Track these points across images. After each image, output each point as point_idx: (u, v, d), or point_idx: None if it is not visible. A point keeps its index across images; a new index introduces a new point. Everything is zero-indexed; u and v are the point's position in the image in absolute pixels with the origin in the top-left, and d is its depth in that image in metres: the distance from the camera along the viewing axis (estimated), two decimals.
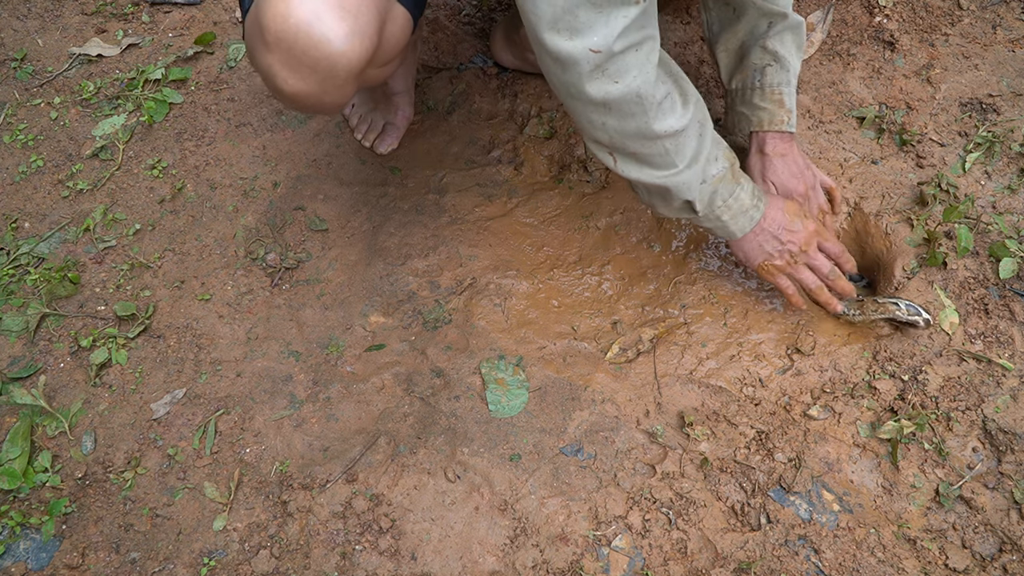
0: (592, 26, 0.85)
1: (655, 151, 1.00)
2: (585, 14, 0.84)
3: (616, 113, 0.95)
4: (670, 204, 1.09)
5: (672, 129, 0.98)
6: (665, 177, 1.03)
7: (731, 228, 1.14)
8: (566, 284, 1.32)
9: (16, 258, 1.37)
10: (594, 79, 0.90)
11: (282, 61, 0.91)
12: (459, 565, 1.08)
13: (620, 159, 1.02)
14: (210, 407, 1.22)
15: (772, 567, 1.05)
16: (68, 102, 1.55)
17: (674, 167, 1.03)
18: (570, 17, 0.85)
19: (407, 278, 1.34)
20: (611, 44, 0.87)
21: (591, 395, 1.20)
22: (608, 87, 0.91)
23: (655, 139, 0.98)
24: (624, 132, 0.97)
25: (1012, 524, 1.06)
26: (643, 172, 1.03)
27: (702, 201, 1.08)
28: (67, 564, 1.10)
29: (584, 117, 0.97)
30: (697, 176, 1.05)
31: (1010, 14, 1.53)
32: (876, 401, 1.16)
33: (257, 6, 0.92)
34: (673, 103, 0.98)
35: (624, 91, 0.92)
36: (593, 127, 0.98)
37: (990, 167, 1.35)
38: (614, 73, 0.90)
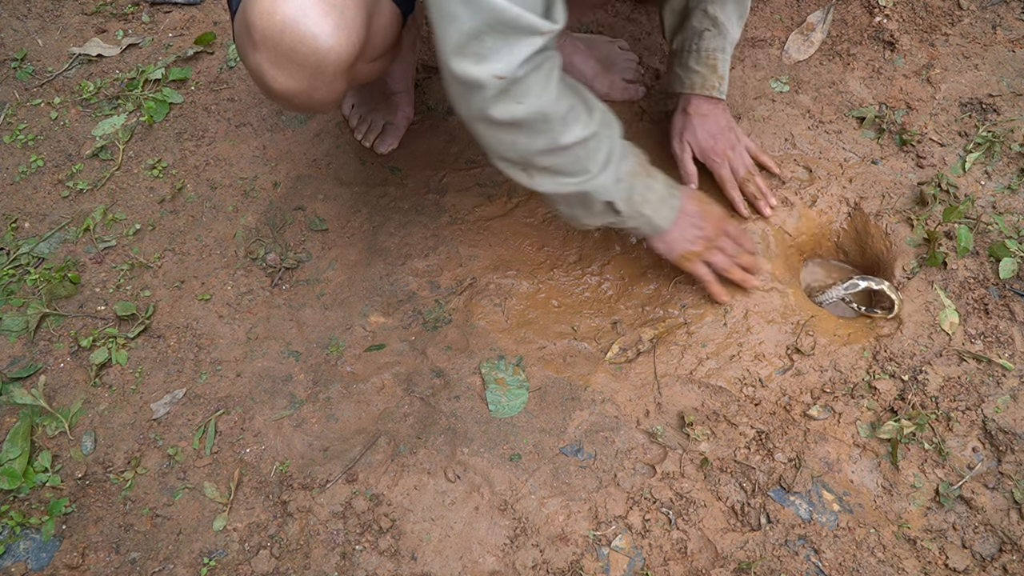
0: (497, 53, 0.87)
1: (567, 160, 1.02)
2: (492, 41, 0.86)
3: (524, 131, 0.96)
4: (591, 210, 1.10)
5: (580, 137, 1.00)
6: (581, 183, 1.04)
7: (656, 221, 1.15)
8: (566, 284, 1.32)
9: (16, 258, 1.37)
10: (499, 102, 0.92)
11: (270, 59, 0.91)
12: (459, 565, 1.08)
13: (534, 174, 1.03)
14: (210, 407, 1.22)
15: (772, 567, 1.05)
16: (68, 102, 1.55)
17: (588, 172, 1.04)
18: (476, 44, 0.86)
19: (407, 278, 1.34)
20: (515, 71, 0.88)
21: (591, 395, 1.20)
22: (513, 108, 0.92)
23: (565, 150, 1.00)
24: (534, 148, 0.99)
25: (1012, 524, 1.06)
26: (558, 182, 1.04)
27: (621, 199, 1.09)
28: (67, 564, 1.10)
29: (493, 138, 0.98)
30: (611, 176, 1.06)
31: (1010, 14, 1.53)
32: (876, 401, 1.16)
33: (244, 5, 0.92)
34: (578, 114, 1.00)
35: (529, 111, 0.93)
36: (503, 147, 0.99)
37: (990, 167, 1.35)
38: (518, 95, 0.91)
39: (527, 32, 0.86)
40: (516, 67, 0.88)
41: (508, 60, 0.87)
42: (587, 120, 1.01)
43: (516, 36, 0.86)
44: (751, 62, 1.52)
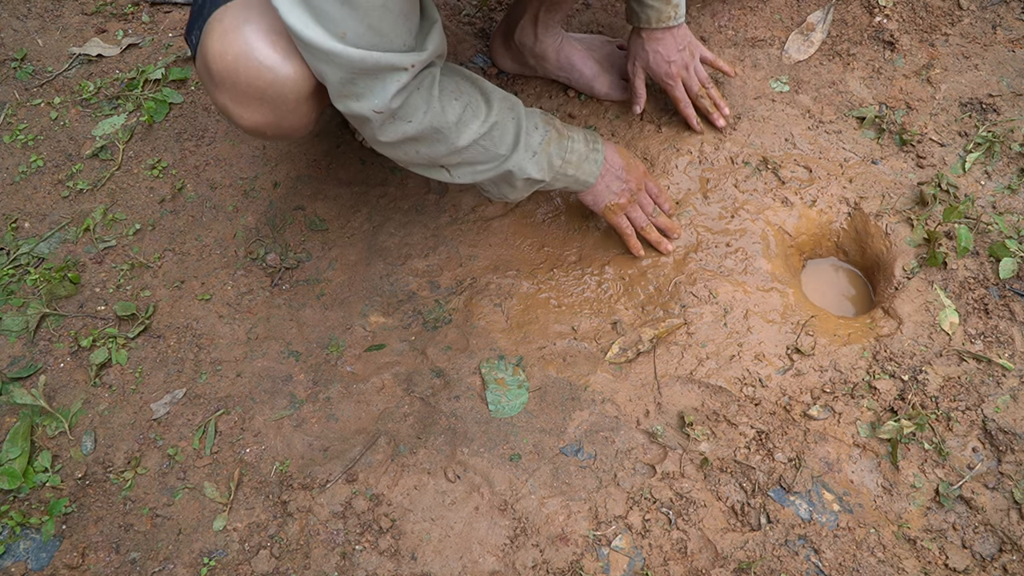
0: (371, 91, 0.91)
1: (475, 153, 1.06)
2: (363, 82, 0.90)
3: (423, 142, 1.01)
4: (515, 186, 1.14)
5: (480, 133, 1.04)
6: (498, 165, 1.09)
7: (583, 177, 1.19)
8: (566, 284, 1.32)
9: (16, 258, 1.37)
10: (386, 129, 0.97)
11: (233, 98, 0.94)
12: (459, 565, 1.08)
13: (452, 170, 1.08)
14: (210, 407, 1.22)
15: (772, 567, 1.05)
16: (68, 102, 1.55)
17: (499, 156, 1.08)
18: (351, 87, 0.90)
19: (407, 278, 1.34)
20: (388, 103, 0.93)
21: (591, 395, 1.20)
22: (403, 128, 0.97)
23: (468, 148, 1.04)
24: (438, 153, 1.03)
25: (1012, 524, 1.06)
26: (477, 172, 1.09)
27: (542, 170, 1.13)
28: (67, 564, 1.10)
29: (397, 154, 1.03)
30: (525, 154, 1.10)
31: (1010, 14, 1.53)
32: (876, 401, 1.16)
33: (200, 49, 0.95)
34: (474, 111, 1.03)
35: (419, 127, 0.98)
36: (410, 157, 1.04)
37: (990, 167, 1.35)
38: (404, 116, 0.96)
39: (391, 70, 0.90)
40: (390, 100, 0.92)
41: (381, 96, 0.92)
42: (485, 113, 1.04)
43: (383, 73, 0.90)
44: (751, 62, 1.52)
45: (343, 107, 0.94)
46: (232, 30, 0.90)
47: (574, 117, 1.47)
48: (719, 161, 1.40)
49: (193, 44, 0.99)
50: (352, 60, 0.86)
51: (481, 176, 1.09)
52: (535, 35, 1.41)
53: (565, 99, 1.50)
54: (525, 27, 1.41)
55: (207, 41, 0.91)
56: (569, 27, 1.59)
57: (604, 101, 1.48)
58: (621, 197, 1.25)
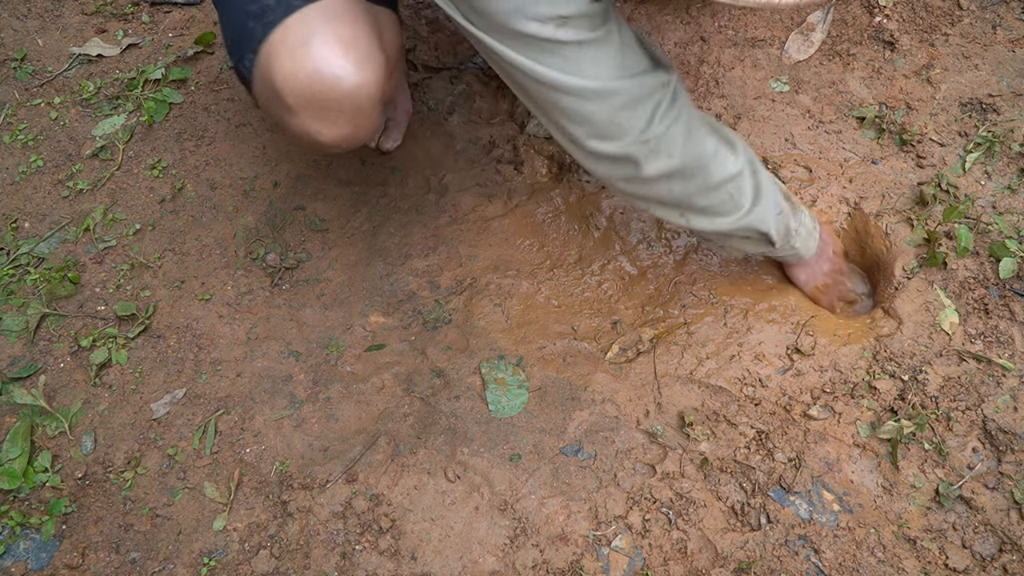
0: (632, 124, 0.90)
1: (720, 199, 1.03)
2: (625, 115, 0.89)
3: (679, 178, 0.98)
4: (750, 240, 1.12)
5: (730, 174, 1.02)
6: (737, 220, 1.06)
7: (803, 252, 1.19)
8: (566, 284, 1.32)
9: (16, 258, 1.37)
10: (651, 161, 0.94)
11: (312, 116, 0.92)
12: (459, 565, 1.08)
13: (690, 215, 1.05)
14: (210, 407, 1.22)
15: (772, 567, 1.05)
16: (68, 102, 1.55)
17: (741, 208, 1.06)
18: (612, 126, 0.89)
19: (407, 278, 1.34)
20: (653, 129, 0.91)
21: (591, 395, 1.20)
22: (667, 162, 0.95)
23: (718, 188, 1.02)
24: (689, 191, 1.01)
25: (1012, 524, 1.06)
26: (715, 222, 1.06)
27: (779, 232, 1.11)
28: (67, 564, 1.10)
29: (651, 193, 1.01)
30: (769, 209, 1.08)
31: (1010, 14, 1.53)
32: (876, 401, 1.16)
33: (263, 74, 0.93)
34: (725, 152, 1.02)
35: (681, 160, 0.96)
36: (661, 196, 1.01)
37: (990, 167, 1.35)
38: (667, 149, 0.94)
39: (652, 93, 0.90)
40: (656, 124, 0.91)
41: (642, 124, 0.90)
42: (734, 157, 1.03)
43: (642, 104, 0.90)
44: (751, 62, 1.52)
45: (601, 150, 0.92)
46: (301, 47, 0.89)
47: None
48: None
49: (247, 68, 0.96)
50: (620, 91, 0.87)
51: (718, 227, 1.06)
52: None
53: None
54: None
55: (274, 64, 0.90)
56: None
57: None
58: (829, 277, 1.26)
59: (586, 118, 0.89)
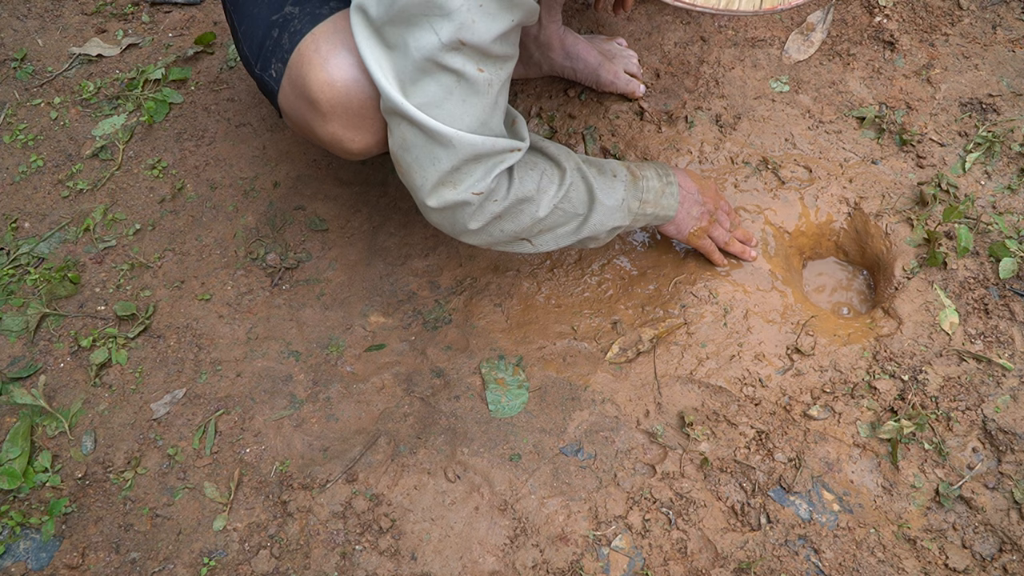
0: (472, 176, 0.92)
1: (556, 218, 1.05)
2: (468, 168, 0.91)
3: (507, 218, 1.00)
4: (599, 239, 1.13)
5: (559, 197, 1.03)
6: (578, 226, 1.08)
7: (663, 212, 1.18)
8: (566, 284, 1.32)
9: (16, 258, 1.37)
10: (479, 213, 0.96)
11: (345, 124, 0.94)
12: (459, 565, 1.08)
13: (535, 240, 1.07)
14: (210, 407, 1.22)
15: (772, 567, 1.05)
16: (68, 102, 1.55)
17: (578, 216, 1.07)
18: (455, 174, 0.91)
19: (407, 278, 1.34)
20: (489, 184, 0.93)
21: (591, 395, 1.20)
22: (492, 208, 0.97)
23: (549, 215, 1.03)
24: (521, 226, 1.02)
25: (1012, 524, 1.06)
26: (559, 238, 1.08)
27: (623, 217, 1.12)
28: (67, 564, 1.10)
29: (484, 238, 1.02)
30: (605, 210, 1.09)
31: (1010, 14, 1.53)
32: (876, 401, 1.16)
33: (294, 83, 0.93)
34: (549, 179, 1.03)
35: (505, 204, 0.97)
36: (495, 237, 1.03)
37: (990, 167, 1.35)
38: (491, 196, 0.96)
39: (500, 154, 0.92)
40: (491, 181, 0.93)
41: (484, 180, 0.93)
42: (559, 178, 1.04)
43: (491, 160, 0.92)
44: (751, 62, 1.52)
45: (438, 202, 0.93)
46: (334, 55, 0.89)
47: (574, 117, 1.47)
48: (719, 161, 1.40)
49: (274, 78, 0.97)
50: (472, 145, 0.88)
51: (564, 240, 1.09)
52: (539, 23, 1.41)
53: (565, 99, 1.50)
54: None
55: (307, 72, 0.91)
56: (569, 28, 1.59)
57: (604, 101, 1.48)
58: (702, 220, 1.23)
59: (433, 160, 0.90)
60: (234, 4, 1.04)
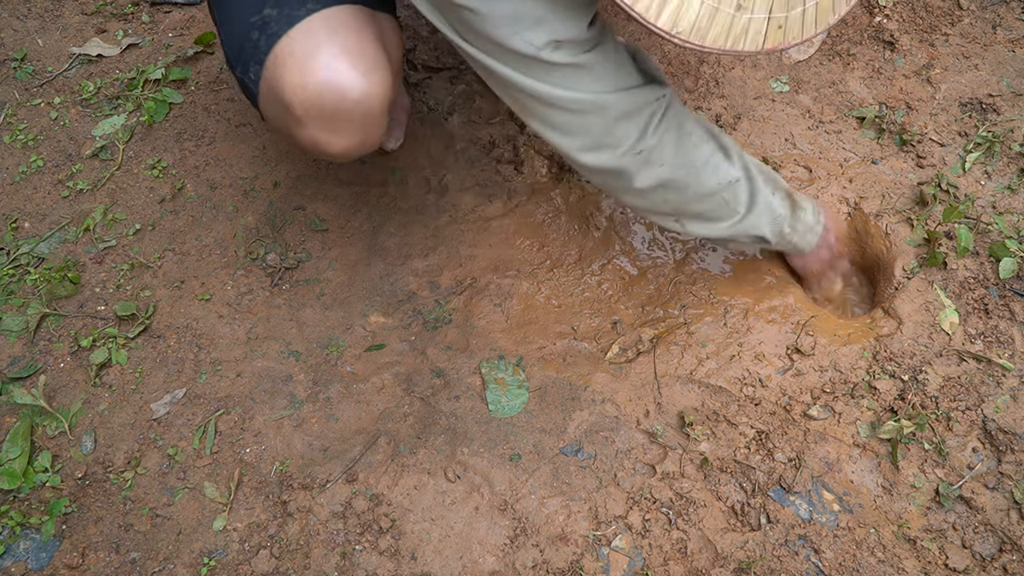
0: (628, 134, 0.90)
1: (715, 205, 1.04)
2: (621, 128, 0.89)
3: (672, 188, 0.99)
4: (743, 243, 1.15)
5: (725, 180, 1.02)
6: (732, 226, 1.07)
7: (800, 245, 1.19)
8: (566, 284, 1.32)
9: (16, 258, 1.37)
10: (643, 172, 0.94)
11: (321, 127, 0.92)
12: (459, 565, 1.08)
13: (686, 221, 1.06)
14: (210, 407, 1.22)
15: (772, 567, 1.05)
16: (68, 102, 1.55)
17: (736, 214, 1.07)
18: (609, 136, 0.90)
19: (407, 278, 1.34)
20: (647, 140, 0.92)
21: (591, 395, 1.20)
22: (658, 172, 0.95)
23: (713, 194, 1.02)
24: (684, 199, 1.01)
25: (1012, 524, 1.06)
26: (710, 228, 1.07)
27: (774, 234, 1.13)
28: (67, 564, 1.10)
29: (644, 203, 1.01)
30: (763, 215, 1.09)
31: (1010, 14, 1.53)
32: (876, 401, 1.16)
33: (270, 86, 0.92)
34: (718, 159, 1.02)
35: (672, 169, 0.96)
36: (656, 205, 1.02)
37: (990, 167, 1.35)
38: (658, 159, 0.94)
39: (647, 105, 0.90)
40: (649, 136, 0.91)
41: (637, 135, 0.91)
42: (728, 164, 1.03)
43: (638, 114, 0.90)
44: (751, 62, 1.52)
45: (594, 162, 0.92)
46: (308, 59, 0.88)
47: None
48: None
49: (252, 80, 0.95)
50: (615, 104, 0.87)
51: (714, 233, 1.08)
52: None
53: None
54: None
55: (282, 75, 0.89)
56: None
57: None
58: (823, 264, 1.27)
59: (580, 130, 0.89)
60: (218, 4, 1.02)
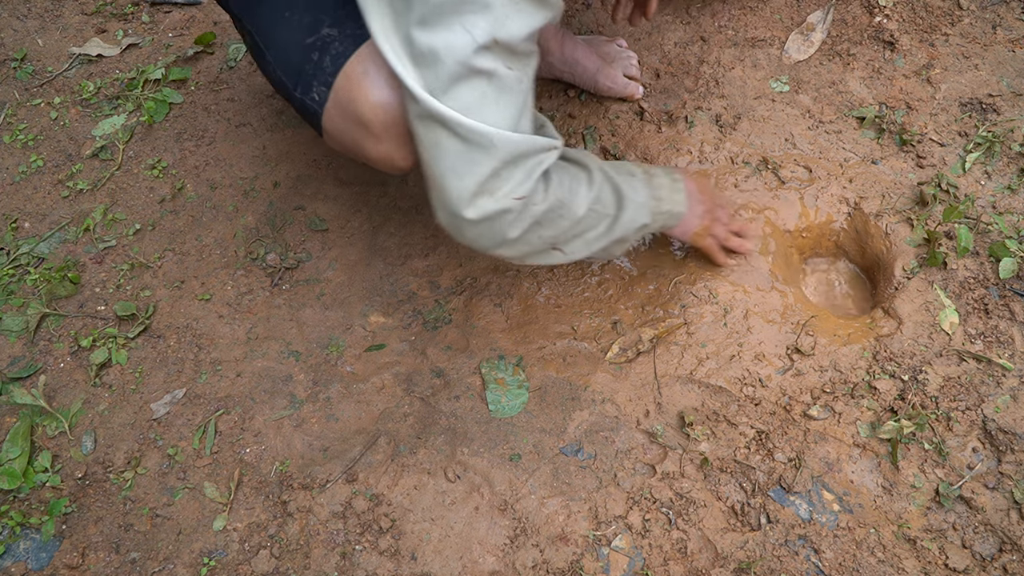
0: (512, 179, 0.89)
1: (590, 221, 1.03)
2: (507, 172, 0.88)
3: (546, 223, 0.97)
4: (628, 240, 1.12)
5: (592, 198, 1.02)
6: (609, 228, 1.06)
7: (676, 209, 1.16)
8: (566, 284, 1.32)
9: (16, 258, 1.37)
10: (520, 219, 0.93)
11: (397, 143, 0.94)
12: (459, 565, 1.08)
13: (565, 247, 1.04)
14: (210, 407, 1.22)
15: (772, 567, 1.05)
16: (68, 102, 1.55)
17: (608, 217, 1.05)
18: (494, 180, 0.88)
19: (407, 278, 1.34)
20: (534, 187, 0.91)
21: (591, 395, 1.20)
22: (532, 212, 0.94)
23: (584, 217, 1.01)
24: (559, 230, 1.00)
25: (1012, 524, 1.06)
26: (590, 243, 1.06)
27: (650, 213, 1.11)
28: (67, 564, 1.10)
29: (523, 248, 0.99)
30: (633, 206, 1.08)
31: (1010, 14, 1.53)
32: (876, 401, 1.16)
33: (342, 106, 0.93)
34: (578, 180, 1.01)
35: (545, 206, 0.95)
36: (532, 246, 1.00)
37: (990, 167, 1.35)
38: (532, 201, 0.93)
39: (539, 153, 0.90)
40: (535, 183, 0.91)
41: (525, 183, 0.90)
42: (588, 179, 1.02)
43: (529, 160, 0.89)
44: (751, 62, 1.52)
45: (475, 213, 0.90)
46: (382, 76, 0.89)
47: (574, 117, 1.47)
48: (719, 161, 1.40)
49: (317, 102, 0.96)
50: (516, 143, 0.86)
51: (595, 244, 1.06)
52: None
53: (565, 99, 1.50)
54: None
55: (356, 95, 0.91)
56: (568, 28, 1.59)
57: (604, 101, 1.48)
58: (705, 219, 1.22)
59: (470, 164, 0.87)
60: (257, 29, 1.02)
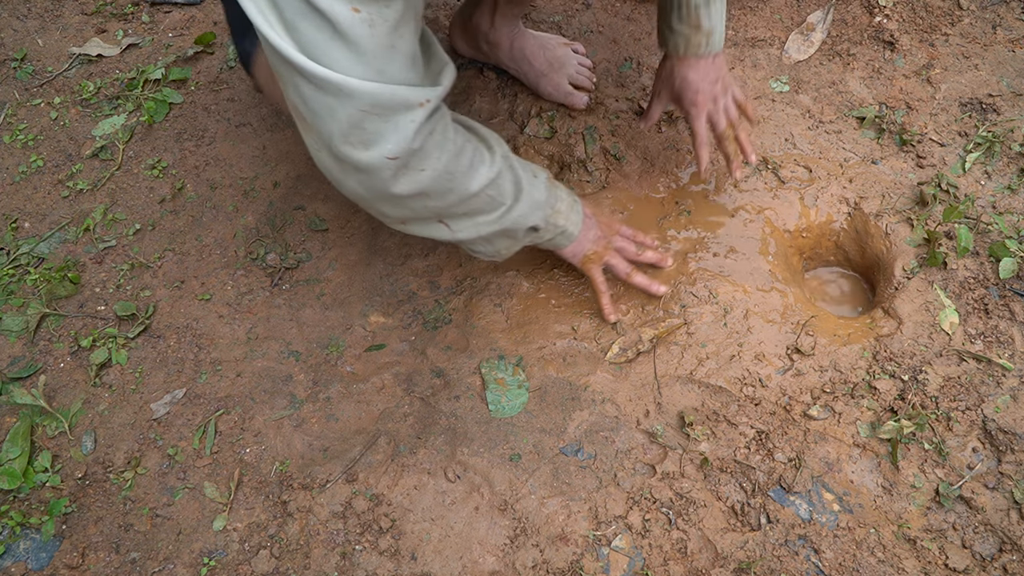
0: (383, 135, 0.83)
1: (482, 202, 1.00)
2: (372, 125, 0.82)
3: (434, 193, 0.93)
4: (516, 238, 1.10)
5: (489, 179, 0.98)
6: (500, 217, 1.04)
7: (570, 228, 1.15)
8: (566, 284, 1.32)
9: (16, 258, 1.37)
10: (400, 178, 0.88)
11: None
12: (459, 565, 1.08)
13: (452, 223, 1.01)
14: (210, 407, 1.22)
15: (772, 567, 1.05)
16: (68, 102, 1.56)
17: (503, 206, 1.03)
18: (358, 131, 0.82)
19: (407, 278, 1.34)
20: (408, 147, 0.85)
21: (591, 395, 1.20)
22: (417, 177, 0.89)
23: (477, 195, 0.98)
24: (447, 204, 0.97)
25: (1012, 524, 1.06)
26: (479, 225, 1.03)
27: (543, 219, 1.09)
28: (67, 564, 1.10)
29: (402, 210, 0.95)
30: (530, 202, 1.06)
31: (1010, 14, 1.53)
32: (876, 401, 1.16)
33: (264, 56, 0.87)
34: (480, 156, 0.98)
35: (433, 175, 0.91)
36: (415, 213, 0.96)
37: (990, 167, 1.35)
38: (418, 164, 0.88)
39: (407, 108, 0.83)
40: (408, 143, 0.85)
41: (395, 139, 0.83)
42: (490, 159, 1.00)
43: (395, 114, 0.83)
44: (751, 62, 1.52)
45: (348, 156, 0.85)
46: None
47: (574, 117, 1.47)
48: (719, 161, 1.40)
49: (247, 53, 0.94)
50: (365, 92, 0.79)
51: (485, 229, 1.03)
52: (491, 22, 1.42)
53: None
54: (484, 12, 1.42)
55: None
56: (568, 28, 1.59)
57: (604, 101, 1.48)
58: (597, 244, 1.20)
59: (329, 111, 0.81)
60: None
